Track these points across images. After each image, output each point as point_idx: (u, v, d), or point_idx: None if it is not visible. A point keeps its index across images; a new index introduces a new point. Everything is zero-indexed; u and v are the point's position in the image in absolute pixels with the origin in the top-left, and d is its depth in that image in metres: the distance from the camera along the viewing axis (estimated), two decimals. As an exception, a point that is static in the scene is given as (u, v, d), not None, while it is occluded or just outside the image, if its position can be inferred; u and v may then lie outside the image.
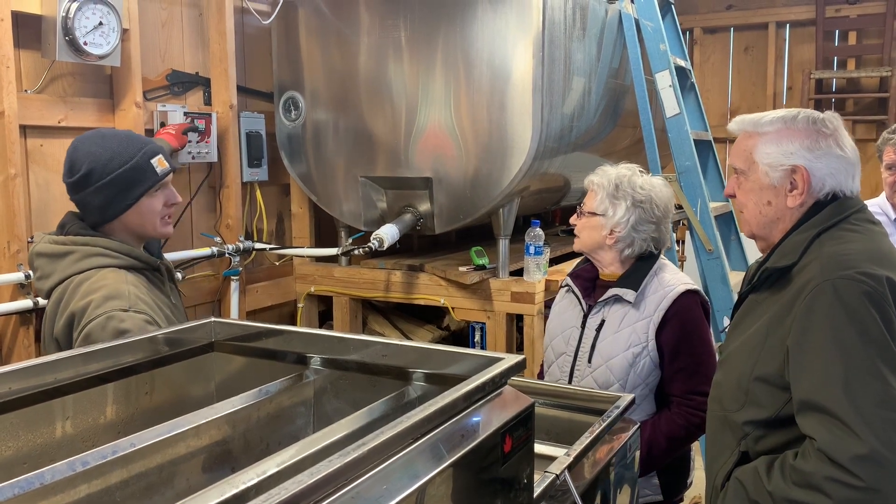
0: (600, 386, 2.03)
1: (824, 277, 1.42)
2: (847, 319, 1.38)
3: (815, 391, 1.38)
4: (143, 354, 1.36)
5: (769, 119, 1.58)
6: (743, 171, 1.61)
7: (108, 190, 1.81)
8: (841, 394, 1.35)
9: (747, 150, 1.60)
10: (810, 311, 1.42)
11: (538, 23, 2.75)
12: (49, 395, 1.20)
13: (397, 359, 1.30)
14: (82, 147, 1.83)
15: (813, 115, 1.56)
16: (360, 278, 3.26)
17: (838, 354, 1.37)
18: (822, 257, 1.46)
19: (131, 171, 1.82)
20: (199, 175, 3.07)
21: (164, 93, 2.92)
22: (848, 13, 5.33)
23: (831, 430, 1.34)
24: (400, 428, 0.88)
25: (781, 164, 1.54)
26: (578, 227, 2.17)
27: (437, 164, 2.96)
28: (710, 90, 5.74)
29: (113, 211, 1.83)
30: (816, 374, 1.39)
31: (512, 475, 1.11)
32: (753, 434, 1.52)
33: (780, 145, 1.54)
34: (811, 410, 1.38)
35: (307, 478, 0.74)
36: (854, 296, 1.38)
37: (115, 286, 1.71)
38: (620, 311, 2.06)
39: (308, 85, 3.16)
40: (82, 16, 2.39)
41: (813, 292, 1.42)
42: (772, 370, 1.48)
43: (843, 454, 1.31)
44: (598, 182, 2.12)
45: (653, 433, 2.00)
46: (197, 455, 1.21)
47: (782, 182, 1.55)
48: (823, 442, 1.34)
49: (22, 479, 0.95)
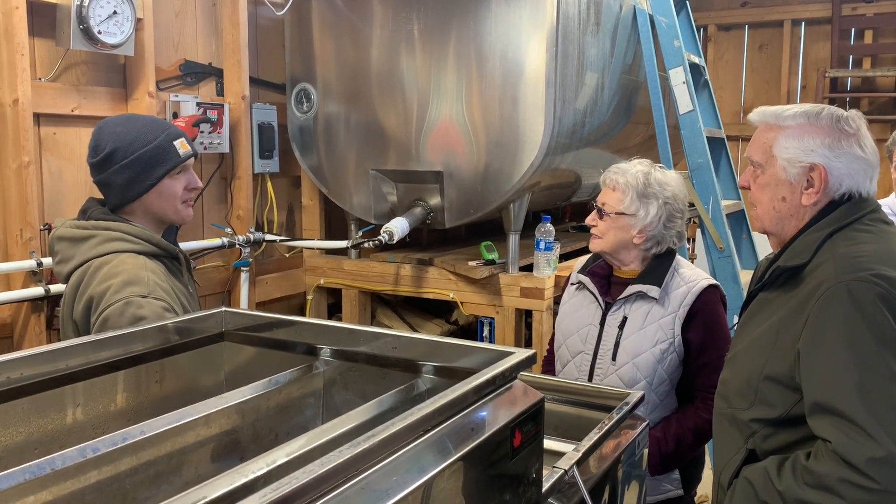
0: (626, 383, 2.02)
1: (838, 279, 1.40)
2: (862, 322, 1.36)
3: (829, 393, 1.37)
4: (153, 343, 1.36)
5: (792, 113, 1.55)
6: (760, 164, 1.58)
7: (131, 169, 1.83)
8: (856, 396, 1.34)
9: (767, 143, 1.56)
10: (824, 313, 1.40)
11: (552, 17, 2.74)
12: (60, 382, 1.21)
13: (407, 351, 1.30)
14: (107, 128, 1.87)
15: (837, 112, 1.53)
16: (370, 271, 3.26)
17: (852, 357, 1.36)
18: (836, 258, 1.45)
19: (155, 151, 1.85)
20: (211, 166, 3.07)
21: (177, 83, 2.92)
22: (864, 11, 5.29)
23: (846, 432, 1.33)
24: (410, 420, 0.88)
25: (800, 161, 1.52)
26: (601, 228, 2.10)
27: (449, 159, 2.95)
28: (723, 87, 5.71)
29: (136, 190, 1.86)
30: (830, 377, 1.38)
31: (521, 470, 1.11)
32: (761, 432, 1.51)
33: (801, 141, 1.51)
34: (825, 412, 1.37)
35: (318, 467, 0.74)
36: (869, 298, 1.37)
37: (134, 272, 1.72)
38: (644, 307, 2.05)
39: (320, 77, 3.16)
40: (97, 5, 2.39)
41: (827, 294, 1.41)
42: (782, 370, 1.47)
43: (859, 456, 1.31)
44: (624, 181, 2.07)
45: (679, 428, 2.01)
46: (206, 444, 1.22)
47: (799, 179, 1.53)
48: (839, 444, 1.33)
49: (33, 465, 0.96)
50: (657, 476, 2.05)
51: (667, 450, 2.00)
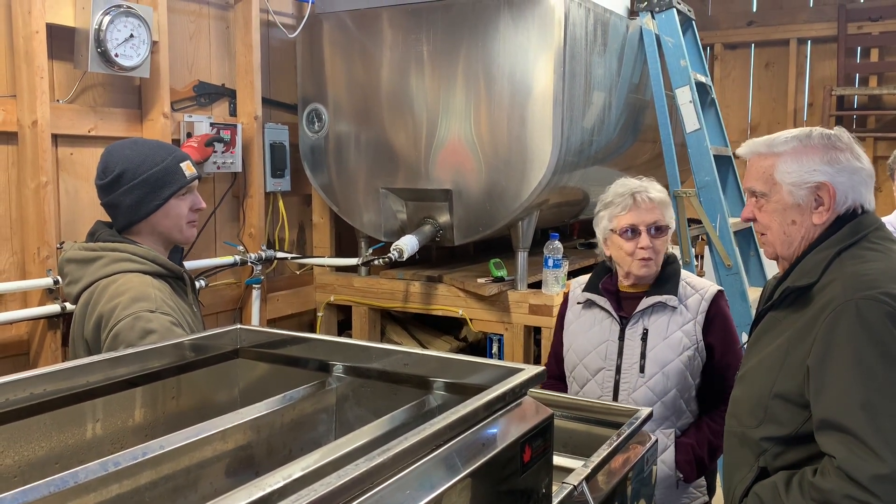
0: (657, 394, 2.05)
1: (847, 297, 1.42)
2: (869, 340, 1.38)
3: (836, 410, 1.38)
4: (170, 360, 1.39)
5: (783, 139, 1.57)
6: (764, 194, 1.59)
7: (139, 190, 1.90)
8: (862, 414, 1.35)
9: (766, 172, 1.58)
10: (832, 331, 1.42)
11: (560, 38, 2.78)
12: (80, 398, 1.24)
13: (419, 368, 1.32)
14: (115, 151, 1.95)
15: (825, 131, 1.57)
16: (380, 288, 3.29)
17: (860, 375, 1.38)
18: (844, 277, 1.46)
19: (162, 173, 1.93)
20: (224, 185, 3.12)
21: (191, 104, 2.98)
22: (870, 30, 5.32)
23: (852, 449, 1.34)
24: (423, 435, 0.90)
25: (805, 182, 1.53)
26: (657, 246, 2.09)
27: (458, 177, 2.99)
28: (730, 106, 5.74)
29: (144, 210, 1.92)
30: (837, 394, 1.39)
31: (530, 485, 1.13)
32: (772, 450, 1.52)
33: (801, 163, 1.54)
34: (831, 429, 1.39)
35: (335, 480, 0.76)
36: (877, 317, 1.38)
37: (140, 289, 1.77)
38: (664, 317, 2.08)
39: (331, 97, 3.21)
40: (114, 28, 2.45)
41: (835, 312, 1.42)
42: (792, 388, 1.48)
43: (863, 473, 1.32)
44: (660, 197, 2.11)
45: (710, 432, 2.05)
46: (222, 459, 1.24)
47: (807, 200, 1.54)
48: (843, 460, 1.35)
49: (57, 478, 0.98)
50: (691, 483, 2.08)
51: (700, 455, 2.04)
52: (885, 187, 5.02)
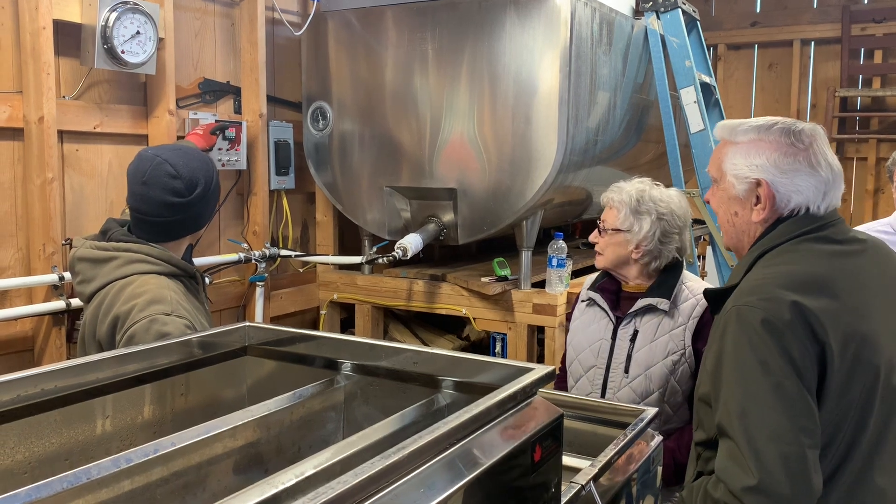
0: (639, 395, 2.05)
1: (733, 303, 1.41)
2: (746, 346, 1.36)
3: (723, 417, 1.38)
4: (179, 357, 1.39)
5: (745, 128, 1.51)
6: (715, 180, 1.57)
7: (214, 200, 1.97)
8: (738, 422, 1.34)
9: (719, 159, 1.55)
10: (722, 338, 1.41)
11: (566, 37, 2.78)
12: (90, 395, 1.24)
13: (427, 366, 1.32)
14: (190, 164, 1.88)
15: (789, 126, 1.49)
16: (383, 287, 3.29)
17: (738, 382, 1.36)
18: (744, 282, 1.44)
19: (218, 181, 2.00)
20: (228, 182, 3.12)
21: (196, 101, 2.98)
22: (874, 31, 5.32)
23: (731, 457, 1.34)
24: (437, 434, 0.91)
25: (746, 177, 1.49)
26: (601, 244, 2.18)
27: (462, 176, 2.99)
28: (732, 106, 5.74)
29: (207, 220, 1.99)
30: (725, 401, 1.38)
31: (541, 484, 1.13)
32: (704, 455, 1.52)
33: (748, 157, 1.48)
34: (722, 436, 1.38)
35: (352, 478, 0.76)
36: (753, 323, 1.35)
37: (157, 291, 1.77)
38: (654, 320, 2.08)
39: (336, 95, 3.21)
40: (121, 25, 2.45)
41: (724, 318, 1.42)
42: (706, 391, 1.47)
43: (735, 483, 1.32)
44: (619, 199, 2.14)
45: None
46: (232, 456, 1.24)
47: (747, 195, 1.50)
48: (721, 470, 1.35)
49: (70, 474, 0.99)
50: (672, 487, 2.07)
51: (681, 460, 2.02)
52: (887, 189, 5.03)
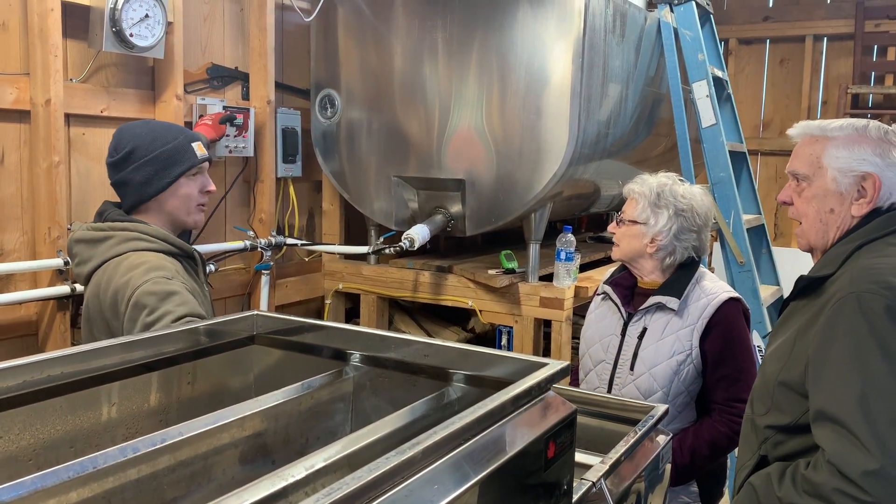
0: (643, 393, 2.02)
1: (850, 290, 1.41)
2: (868, 333, 1.36)
3: (831, 402, 1.37)
4: (185, 345, 1.37)
5: (838, 125, 1.54)
6: (806, 177, 1.57)
7: (149, 167, 1.90)
8: (856, 407, 1.34)
9: (814, 154, 1.55)
10: (833, 323, 1.41)
11: (579, 28, 2.74)
12: (96, 382, 1.22)
13: (438, 359, 1.30)
14: (127, 130, 1.95)
15: (881, 124, 1.54)
16: (389, 277, 3.27)
17: (857, 368, 1.36)
18: (854, 269, 1.45)
19: (172, 151, 1.92)
20: (235, 169, 3.09)
21: (204, 86, 2.95)
22: (888, 28, 5.27)
23: (844, 443, 1.33)
24: (452, 429, 0.89)
25: (853, 170, 1.51)
26: (618, 235, 2.16)
27: (471, 167, 2.96)
28: (743, 101, 5.69)
29: (153, 188, 1.91)
30: (834, 386, 1.38)
31: (554, 480, 1.11)
32: (773, 438, 1.52)
33: (852, 150, 1.51)
34: (826, 421, 1.38)
35: (366, 473, 0.74)
36: (877, 309, 1.36)
37: (155, 261, 1.78)
38: (663, 318, 2.06)
39: (345, 83, 3.18)
40: (129, 8, 2.42)
41: (838, 304, 1.41)
42: (794, 377, 1.47)
43: (853, 468, 1.31)
44: (639, 191, 2.12)
45: (695, 440, 2.01)
46: (239, 446, 1.23)
47: (850, 189, 1.52)
48: (835, 454, 1.34)
49: (76, 463, 0.97)
50: (674, 488, 2.05)
51: (682, 461, 2.00)
52: None
